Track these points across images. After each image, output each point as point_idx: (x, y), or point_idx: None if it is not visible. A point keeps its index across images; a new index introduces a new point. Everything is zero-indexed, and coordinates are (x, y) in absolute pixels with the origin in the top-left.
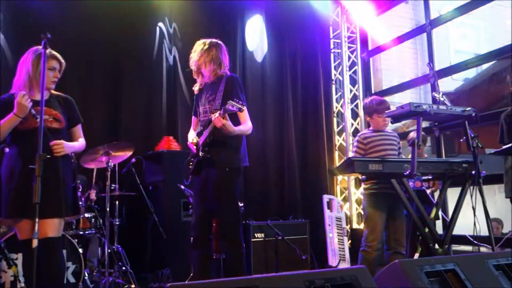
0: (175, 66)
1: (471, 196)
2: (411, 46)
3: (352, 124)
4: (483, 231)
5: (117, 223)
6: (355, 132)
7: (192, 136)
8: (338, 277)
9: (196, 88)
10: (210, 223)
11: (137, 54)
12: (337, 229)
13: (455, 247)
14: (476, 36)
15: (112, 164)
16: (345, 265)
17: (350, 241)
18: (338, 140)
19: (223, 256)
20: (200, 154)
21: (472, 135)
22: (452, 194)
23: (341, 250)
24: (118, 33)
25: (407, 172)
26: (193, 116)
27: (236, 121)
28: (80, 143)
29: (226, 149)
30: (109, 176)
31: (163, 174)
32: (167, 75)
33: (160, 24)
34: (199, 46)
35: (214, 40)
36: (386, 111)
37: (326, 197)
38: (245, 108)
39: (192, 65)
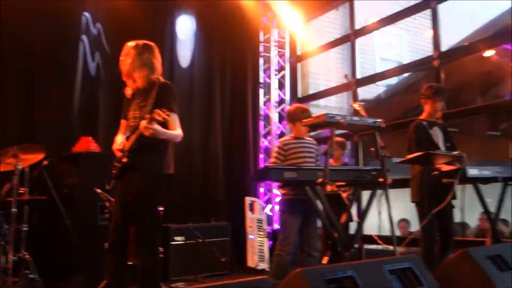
0: (97, 65)
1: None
2: (338, 52)
3: (279, 128)
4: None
5: (25, 228)
6: (281, 135)
7: (120, 140)
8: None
9: (128, 92)
10: (128, 229)
11: (55, 50)
12: (258, 230)
13: (369, 246)
14: (399, 45)
15: (20, 167)
16: (264, 265)
17: (271, 241)
18: (264, 143)
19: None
20: (123, 160)
21: (382, 145)
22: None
23: (260, 251)
24: (34, 28)
25: (320, 180)
26: (122, 120)
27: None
28: None
29: (151, 155)
30: (16, 179)
31: (80, 176)
32: (88, 74)
33: (82, 17)
34: (131, 49)
35: (146, 42)
36: (304, 120)
37: (248, 199)
38: (174, 117)
39: (124, 68)
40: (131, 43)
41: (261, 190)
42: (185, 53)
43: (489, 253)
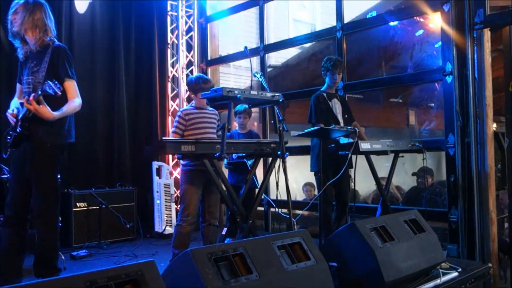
0: None
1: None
2: (249, 13)
3: (187, 91)
4: (299, 197)
5: None
6: (189, 98)
7: (14, 105)
8: (122, 274)
9: (20, 54)
10: (27, 201)
11: None
12: (165, 195)
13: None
14: (312, 7)
15: None
16: (171, 230)
17: (178, 205)
18: (171, 106)
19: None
20: (17, 129)
21: (280, 118)
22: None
23: (168, 216)
24: None
25: (217, 154)
26: (17, 84)
27: (64, 96)
28: None
29: (48, 124)
30: None
31: None
32: None
33: None
34: (21, 7)
35: (39, 1)
36: (203, 93)
37: (155, 164)
38: (72, 83)
39: (14, 29)
40: (20, 1)
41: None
42: (85, 8)
43: (374, 225)
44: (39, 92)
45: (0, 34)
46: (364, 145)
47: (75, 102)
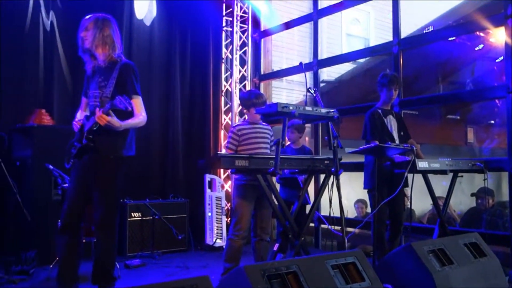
0: (52, 34)
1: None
2: (303, 28)
3: (239, 105)
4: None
5: None
6: (242, 112)
7: (79, 118)
8: (178, 287)
9: (88, 69)
10: (83, 210)
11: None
12: (217, 208)
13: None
14: (366, 21)
15: None
16: (222, 243)
17: (229, 218)
18: (224, 119)
19: (93, 240)
20: (83, 141)
21: (334, 135)
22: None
23: (218, 228)
24: None
25: (271, 170)
26: (82, 97)
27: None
28: None
29: (112, 137)
30: None
31: (32, 149)
32: (43, 45)
33: None
34: (92, 24)
35: (105, 16)
36: (257, 108)
37: (207, 177)
38: (138, 99)
39: (85, 46)
40: (90, 18)
41: None
42: (144, 27)
43: (432, 247)
44: (108, 106)
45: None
46: (422, 164)
47: (141, 117)
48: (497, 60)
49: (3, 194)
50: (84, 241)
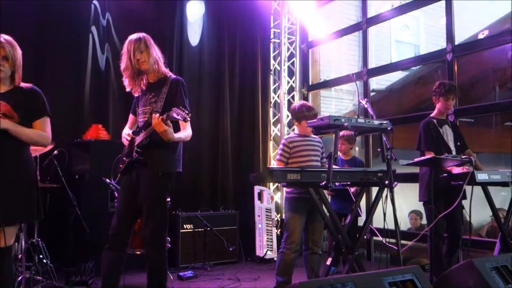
0: (107, 55)
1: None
2: (351, 37)
3: (288, 116)
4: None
5: None
6: (291, 123)
7: (126, 133)
8: None
9: (138, 87)
10: (131, 226)
11: (65, 41)
12: (267, 219)
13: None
14: (415, 27)
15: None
16: (272, 255)
17: (279, 230)
18: (273, 131)
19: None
20: (133, 155)
21: (388, 146)
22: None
23: (269, 240)
24: (44, 11)
25: (323, 183)
26: (130, 114)
27: (176, 126)
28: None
29: (161, 152)
30: None
31: (90, 163)
32: (98, 64)
33: (92, 6)
34: (143, 45)
35: (145, 35)
36: (309, 121)
37: (257, 188)
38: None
39: (145, 67)
40: (138, 38)
41: None
42: (194, 38)
43: (495, 264)
44: (166, 117)
45: None
46: (481, 176)
47: (189, 130)
48: None
49: (63, 207)
50: (139, 253)
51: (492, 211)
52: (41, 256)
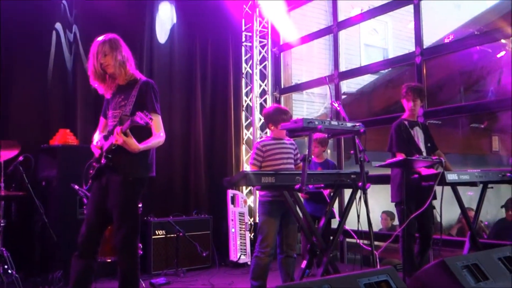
0: (75, 56)
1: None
2: (322, 41)
3: (260, 119)
4: (374, 226)
5: (1, 224)
6: (263, 126)
7: (97, 139)
8: None
9: (108, 90)
10: (101, 233)
11: (28, 39)
12: (240, 224)
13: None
14: (384, 31)
15: None
16: (246, 259)
17: (253, 233)
18: (245, 134)
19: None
20: (102, 161)
21: (361, 149)
22: None
23: (242, 244)
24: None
25: (298, 186)
26: (101, 117)
27: (148, 131)
28: None
29: (131, 157)
30: None
31: (57, 169)
32: (65, 65)
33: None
34: (108, 48)
35: (114, 35)
36: (282, 124)
37: (230, 192)
38: (158, 118)
39: (110, 71)
40: (103, 42)
41: None
42: (165, 41)
43: (466, 263)
44: (127, 124)
45: None
46: (451, 176)
47: (160, 136)
48: None
49: (30, 215)
50: (109, 260)
51: (461, 211)
52: (6, 266)
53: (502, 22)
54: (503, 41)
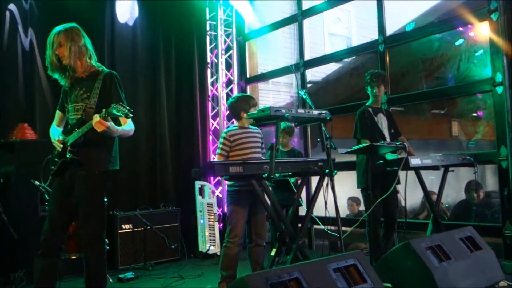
0: (31, 50)
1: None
2: (287, 30)
3: (227, 109)
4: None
5: None
6: (230, 116)
7: (56, 133)
8: None
9: (66, 83)
10: (65, 230)
11: None
12: (209, 214)
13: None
14: (347, 20)
15: None
16: (215, 249)
17: (222, 224)
18: (212, 124)
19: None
20: (67, 155)
21: (327, 136)
22: None
23: (211, 235)
24: None
25: (266, 175)
26: (57, 111)
27: (116, 123)
28: None
29: (97, 151)
30: None
31: (16, 165)
32: (22, 59)
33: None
34: (64, 38)
35: (72, 25)
36: (250, 113)
37: (198, 183)
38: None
39: (64, 62)
40: (59, 32)
41: None
42: (127, 31)
43: (429, 244)
44: (106, 114)
45: None
46: (414, 161)
47: (131, 125)
48: (477, 54)
49: None
50: (74, 257)
51: (424, 194)
52: None
53: (460, 10)
54: (461, 29)
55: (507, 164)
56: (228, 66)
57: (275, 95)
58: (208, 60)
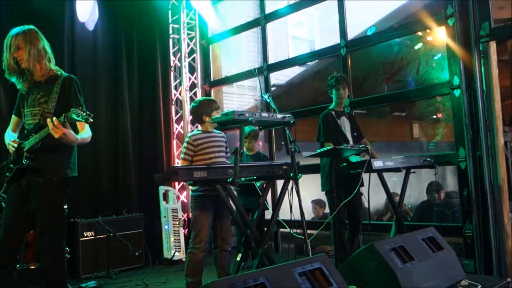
0: None
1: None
2: (250, 33)
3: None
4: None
5: None
6: (193, 120)
7: (10, 138)
8: None
9: (24, 87)
10: (21, 239)
11: None
12: (173, 220)
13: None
14: (310, 24)
15: None
16: (180, 255)
17: (187, 229)
18: (176, 129)
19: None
20: (23, 162)
21: (291, 139)
22: None
23: (176, 241)
24: None
25: (230, 179)
26: (13, 116)
27: (73, 128)
28: None
29: (55, 156)
30: None
31: None
32: None
33: None
34: (22, 41)
35: (31, 27)
36: (213, 117)
37: (162, 189)
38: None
39: (23, 65)
40: (16, 34)
41: None
42: (88, 34)
43: (393, 245)
44: (64, 119)
45: None
46: (377, 163)
47: (89, 131)
48: (435, 58)
49: None
50: (33, 267)
51: (387, 196)
52: None
53: (419, 14)
54: (419, 33)
55: (466, 165)
56: (192, 70)
57: (239, 98)
58: (171, 64)
